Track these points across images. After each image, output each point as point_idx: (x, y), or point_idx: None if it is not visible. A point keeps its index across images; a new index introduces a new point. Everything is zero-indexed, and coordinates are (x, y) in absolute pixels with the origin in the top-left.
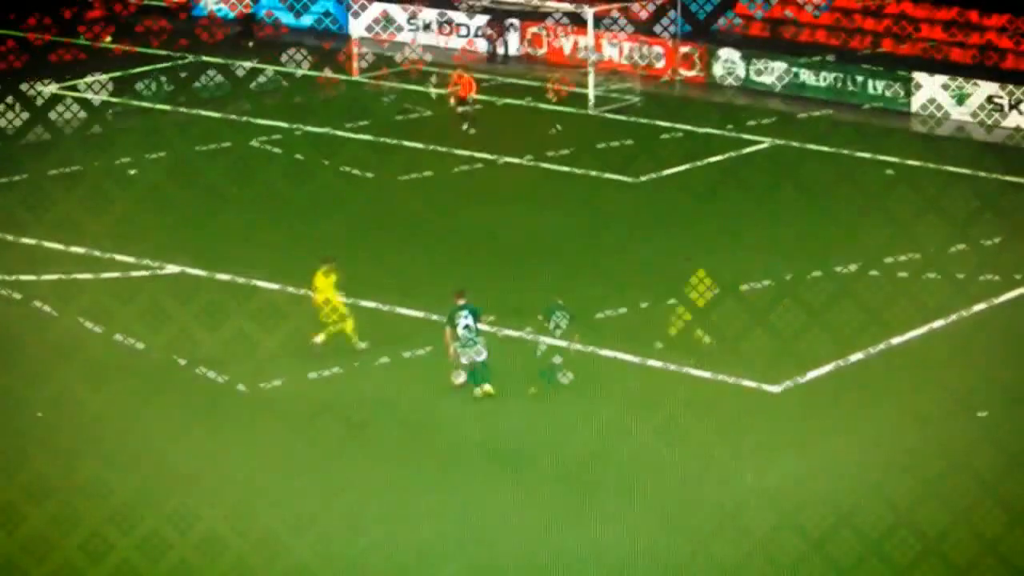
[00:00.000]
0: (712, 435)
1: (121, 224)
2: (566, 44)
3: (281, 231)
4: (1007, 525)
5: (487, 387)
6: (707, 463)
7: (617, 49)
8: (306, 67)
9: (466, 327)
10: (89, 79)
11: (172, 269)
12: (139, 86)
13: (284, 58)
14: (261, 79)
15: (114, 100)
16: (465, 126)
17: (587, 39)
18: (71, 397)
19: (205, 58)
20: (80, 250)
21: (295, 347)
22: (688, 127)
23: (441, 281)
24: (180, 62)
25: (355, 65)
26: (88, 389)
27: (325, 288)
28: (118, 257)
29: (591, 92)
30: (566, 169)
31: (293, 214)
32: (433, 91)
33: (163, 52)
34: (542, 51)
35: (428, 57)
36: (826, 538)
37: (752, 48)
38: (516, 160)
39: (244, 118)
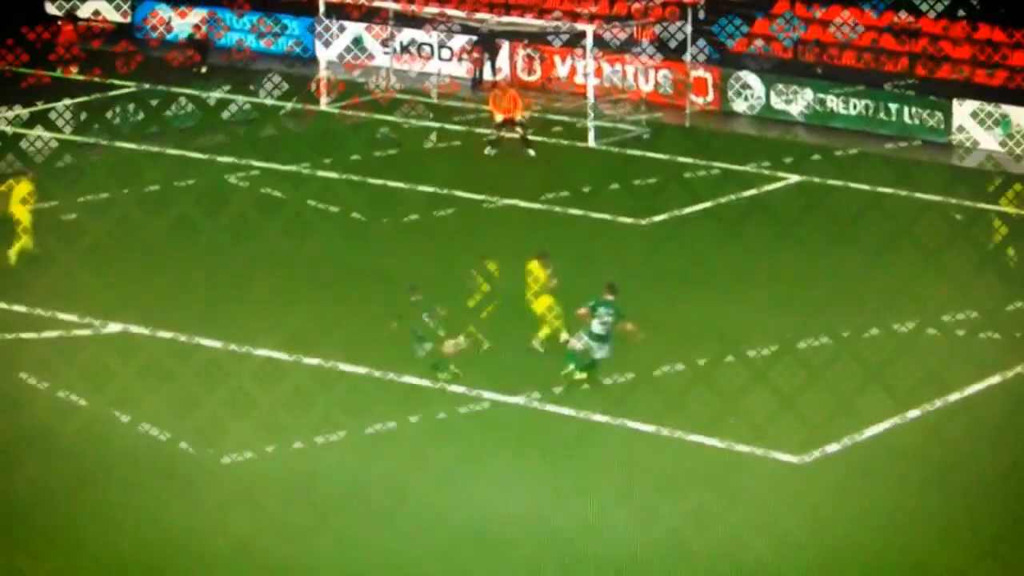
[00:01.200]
0: (733, 513)
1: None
2: (562, 67)
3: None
4: None
5: (580, 374)
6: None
7: (620, 73)
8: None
9: (603, 324)
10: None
11: (114, 328)
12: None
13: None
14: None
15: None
16: (531, 151)
17: (586, 61)
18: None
19: (158, 87)
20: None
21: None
22: (702, 162)
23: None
24: (123, 91)
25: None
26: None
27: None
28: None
29: (591, 123)
30: (560, 210)
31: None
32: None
33: (112, 81)
34: (534, 75)
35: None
36: None
37: (774, 73)
38: (505, 200)
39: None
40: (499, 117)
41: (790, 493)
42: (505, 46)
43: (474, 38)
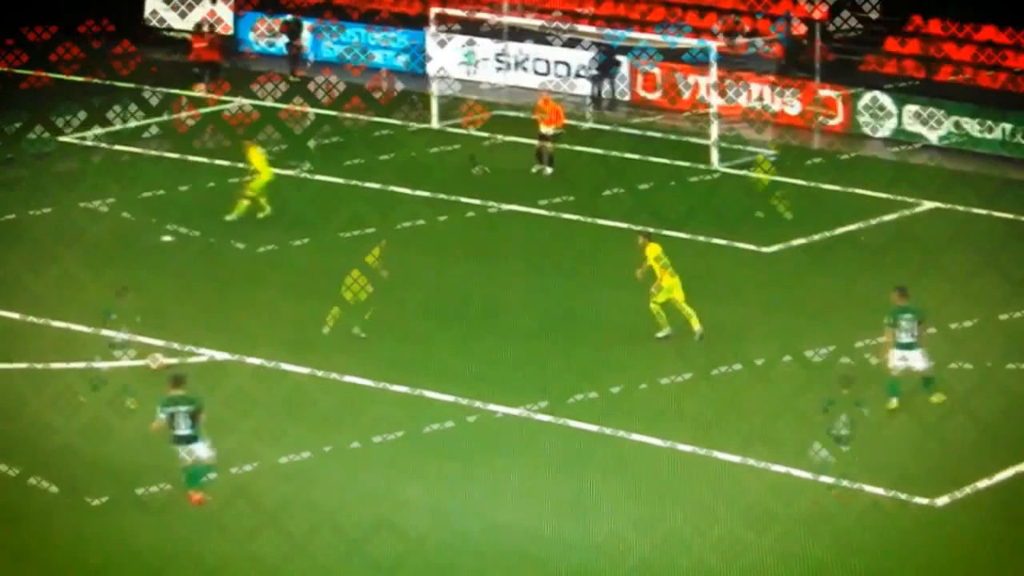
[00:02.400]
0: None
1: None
2: (684, 86)
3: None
4: None
5: (935, 397)
6: None
7: (745, 92)
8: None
9: (908, 331)
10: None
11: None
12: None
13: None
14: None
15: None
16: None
17: (709, 79)
18: None
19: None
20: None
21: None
22: (829, 186)
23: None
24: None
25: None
26: None
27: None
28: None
29: (714, 143)
30: (677, 235)
31: None
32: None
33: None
34: (656, 94)
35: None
36: None
37: (906, 92)
38: (617, 224)
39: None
40: (546, 129)
41: (921, 538)
42: (625, 63)
43: (593, 55)
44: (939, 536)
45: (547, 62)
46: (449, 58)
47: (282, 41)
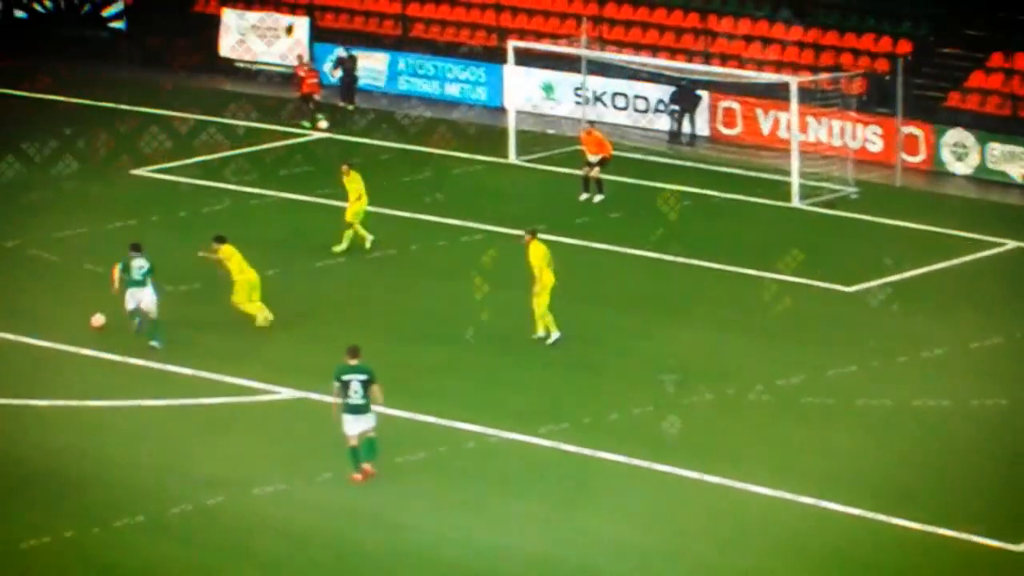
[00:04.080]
0: None
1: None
2: (764, 122)
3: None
4: None
5: None
6: None
7: (827, 129)
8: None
9: None
10: None
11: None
12: None
13: None
14: None
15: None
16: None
17: (790, 116)
18: None
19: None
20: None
21: None
22: (912, 224)
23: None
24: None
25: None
26: None
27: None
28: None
29: (795, 180)
30: (758, 273)
31: None
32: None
33: None
34: (736, 130)
35: None
36: None
37: (990, 130)
38: (694, 261)
39: None
40: (592, 157)
41: None
42: (706, 98)
43: (673, 89)
44: None
45: (626, 96)
46: (527, 91)
47: (337, 74)
